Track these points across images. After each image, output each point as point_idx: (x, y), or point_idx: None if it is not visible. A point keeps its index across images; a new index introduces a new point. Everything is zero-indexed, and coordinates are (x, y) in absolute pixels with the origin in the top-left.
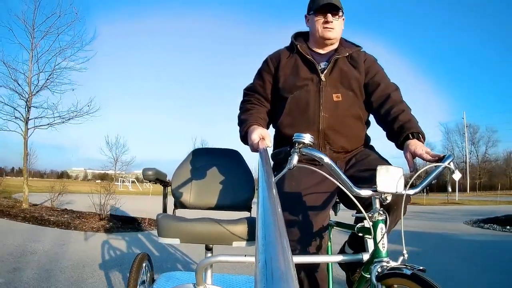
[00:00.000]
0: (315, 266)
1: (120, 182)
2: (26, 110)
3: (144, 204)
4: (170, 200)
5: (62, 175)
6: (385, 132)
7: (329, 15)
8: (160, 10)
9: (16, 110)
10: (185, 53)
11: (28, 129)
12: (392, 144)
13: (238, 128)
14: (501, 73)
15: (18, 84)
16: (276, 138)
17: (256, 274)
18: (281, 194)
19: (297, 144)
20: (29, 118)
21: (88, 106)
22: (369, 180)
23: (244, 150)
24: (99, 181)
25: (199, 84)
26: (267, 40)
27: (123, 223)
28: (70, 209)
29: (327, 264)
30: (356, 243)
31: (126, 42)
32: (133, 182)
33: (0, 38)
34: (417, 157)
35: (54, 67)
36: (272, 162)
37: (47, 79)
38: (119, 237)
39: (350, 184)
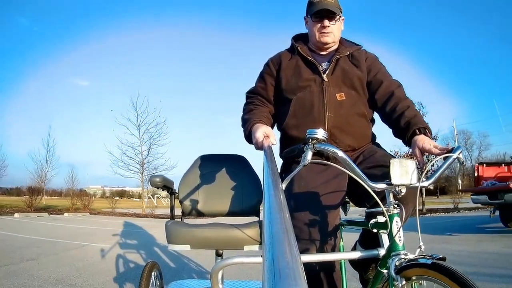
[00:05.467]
0: (330, 266)
1: (147, 198)
2: (141, 167)
3: None
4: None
5: (81, 194)
6: (391, 130)
7: (326, 21)
8: (169, 21)
9: (134, 167)
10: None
11: (143, 176)
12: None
13: (242, 129)
14: (489, 80)
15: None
16: (283, 140)
17: (264, 272)
18: (291, 195)
19: (310, 140)
20: (143, 171)
21: (166, 160)
22: (378, 176)
23: (251, 155)
24: (118, 198)
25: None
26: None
27: None
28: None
29: (340, 263)
30: (367, 241)
31: (135, 52)
32: (157, 197)
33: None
34: (426, 152)
35: (150, 146)
36: (279, 162)
37: (148, 152)
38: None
39: (365, 177)
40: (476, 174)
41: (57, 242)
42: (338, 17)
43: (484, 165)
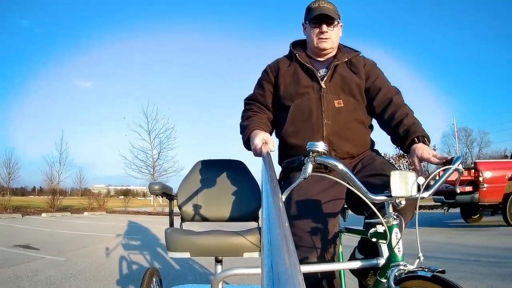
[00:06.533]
0: (330, 273)
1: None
2: (152, 169)
3: None
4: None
5: (86, 193)
6: (389, 137)
7: (324, 26)
8: (172, 26)
9: (146, 169)
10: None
11: (154, 178)
12: None
13: (240, 136)
14: (488, 79)
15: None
16: (281, 147)
17: (262, 279)
18: (290, 203)
19: (311, 153)
20: (154, 173)
21: (175, 162)
22: (377, 186)
23: (249, 161)
24: (122, 196)
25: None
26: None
27: None
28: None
29: (340, 270)
30: (366, 248)
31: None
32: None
33: (133, 138)
34: (424, 161)
35: (160, 150)
36: (278, 169)
37: (158, 155)
38: None
39: (365, 190)
40: (437, 178)
41: (95, 235)
42: (336, 22)
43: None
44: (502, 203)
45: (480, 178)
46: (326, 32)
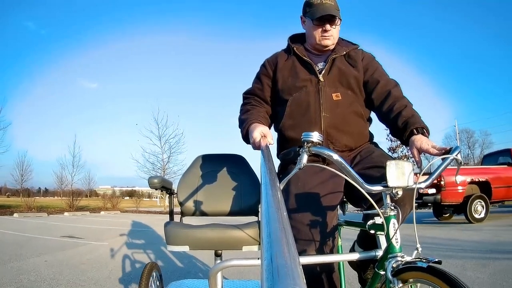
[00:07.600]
0: (329, 266)
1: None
2: (163, 172)
3: None
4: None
5: (92, 194)
6: (388, 129)
7: (327, 25)
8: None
9: (156, 172)
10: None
11: None
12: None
13: (239, 130)
14: (490, 80)
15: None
16: (279, 141)
17: (262, 272)
18: (288, 196)
19: (306, 143)
20: (164, 176)
21: (183, 166)
22: (376, 178)
23: (249, 154)
24: (128, 197)
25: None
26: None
27: None
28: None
29: (339, 263)
30: (365, 241)
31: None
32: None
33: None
34: (423, 152)
35: (170, 154)
36: (277, 163)
37: (168, 159)
38: None
39: (361, 180)
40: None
41: (121, 229)
42: (338, 20)
43: (418, 174)
44: (463, 203)
45: (442, 182)
46: (329, 30)
